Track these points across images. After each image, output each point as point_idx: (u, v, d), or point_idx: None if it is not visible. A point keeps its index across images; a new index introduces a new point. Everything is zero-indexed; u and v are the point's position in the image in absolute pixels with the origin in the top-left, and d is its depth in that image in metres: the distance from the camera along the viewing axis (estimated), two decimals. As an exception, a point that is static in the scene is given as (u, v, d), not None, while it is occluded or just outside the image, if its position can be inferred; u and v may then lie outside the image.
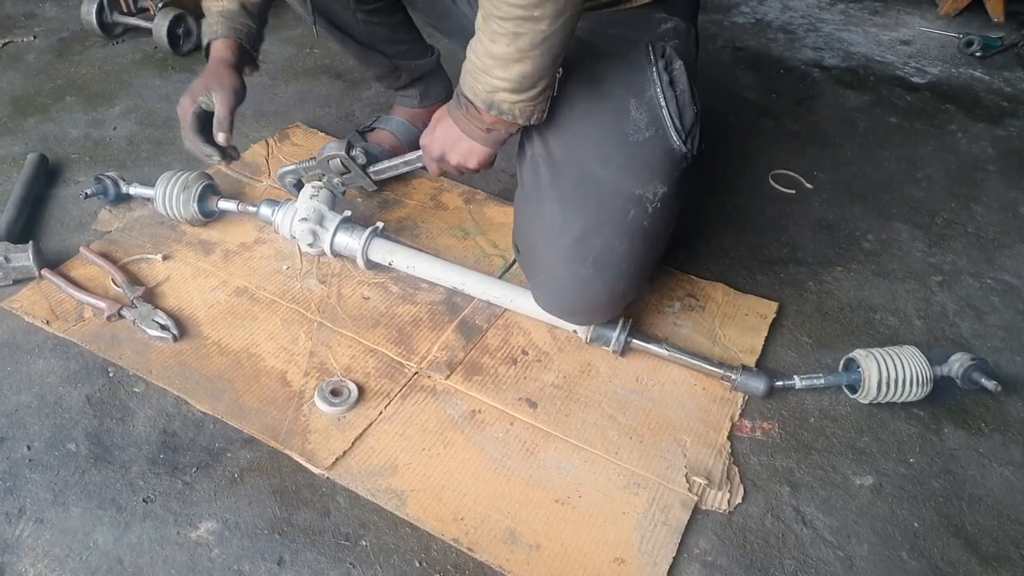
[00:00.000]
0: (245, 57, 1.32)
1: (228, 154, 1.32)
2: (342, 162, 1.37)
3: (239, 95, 1.29)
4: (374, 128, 1.64)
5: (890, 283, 1.48)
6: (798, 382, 1.23)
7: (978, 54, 2.30)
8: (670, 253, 1.39)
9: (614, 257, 1.14)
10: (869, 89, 2.12)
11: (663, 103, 1.13)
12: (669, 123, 1.13)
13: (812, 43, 2.36)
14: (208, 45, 1.32)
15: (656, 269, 1.28)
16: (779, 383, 1.23)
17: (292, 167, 1.43)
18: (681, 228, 1.30)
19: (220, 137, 1.28)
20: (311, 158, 1.41)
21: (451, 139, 1.15)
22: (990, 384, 1.20)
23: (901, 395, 1.20)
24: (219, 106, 1.26)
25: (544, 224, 1.17)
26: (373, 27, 1.46)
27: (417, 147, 1.62)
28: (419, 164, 1.32)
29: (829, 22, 2.50)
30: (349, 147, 1.37)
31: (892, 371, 1.19)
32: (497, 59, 0.99)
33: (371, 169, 1.39)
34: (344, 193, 1.43)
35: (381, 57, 1.54)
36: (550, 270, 1.18)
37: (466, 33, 1.19)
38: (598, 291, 1.16)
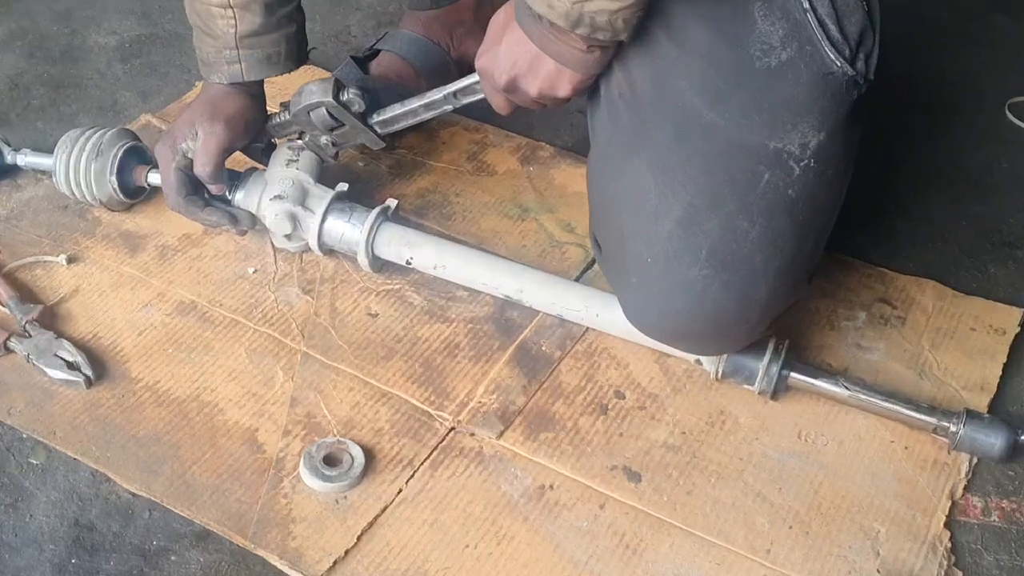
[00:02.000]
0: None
1: (238, 218, 1.39)
2: (329, 112, 1.37)
3: (240, 130, 1.38)
4: (376, 52, 1.66)
5: None
6: (1060, 435, 1.22)
7: None
8: (844, 235, 1.36)
9: (742, 247, 1.14)
10: None
11: (808, 3, 1.11)
12: (819, 34, 1.11)
13: None
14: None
15: (817, 262, 1.27)
16: (1026, 438, 1.23)
17: (281, 120, 1.44)
18: (861, 195, 1.28)
19: (213, 188, 1.38)
20: (283, 108, 1.42)
21: (526, 58, 1.16)
22: None
23: None
24: (200, 151, 1.35)
25: (629, 201, 1.18)
26: None
27: (438, 74, 1.62)
28: (447, 104, 1.34)
29: None
30: (338, 88, 1.36)
31: None
32: None
33: (376, 119, 1.40)
34: (337, 156, 1.44)
35: None
36: (643, 272, 1.18)
37: None
38: (721, 302, 1.16)
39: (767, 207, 1.14)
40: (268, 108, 1.45)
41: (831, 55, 1.11)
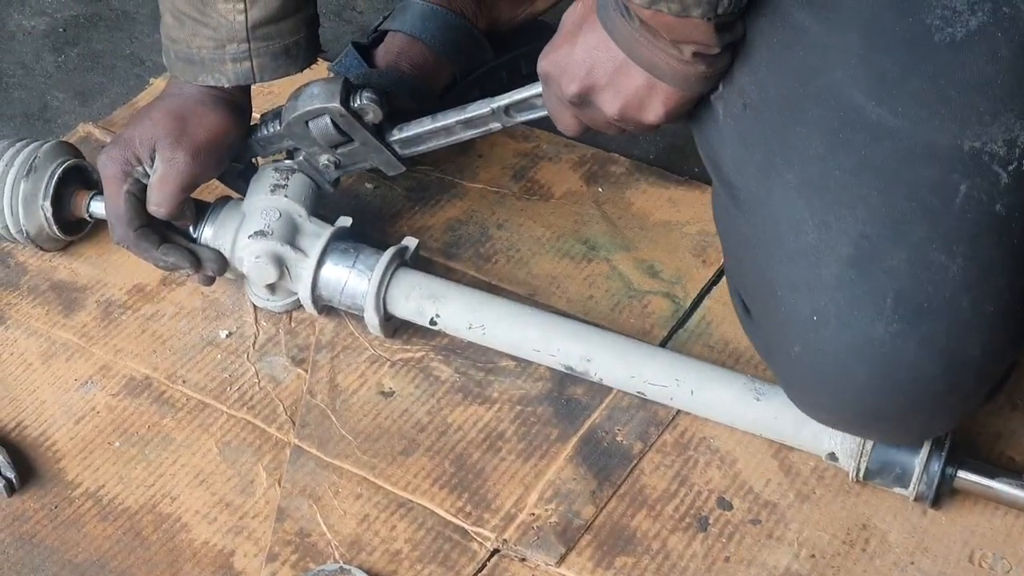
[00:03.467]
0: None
1: (203, 260, 1.40)
2: (335, 123, 1.38)
3: (213, 160, 1.40)
4: (383, 34, 1.68)
5: None
6: None
7: None
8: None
9: (942, 289, 1.12)
10: None
11: None
12: None
13: None
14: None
15: None
16: None
17: (271, 132, 1.45)
18: None
19: (161, 211, 1.38)
20: (270, 117, 1.44)
21: (607, 65, 1.18)
22: None
23: None
24: (156, 184, 1.37)
25: (777, 239, 1.17)
26: None
27: (468, 54, 1.64)
28: (495, 122, 1.36)
29: None
30: (348, 92, 1.37)
31: None
32: None
33: (396, 135, 1.41)
34: (338, 182, 1.47)
35: None
36: (807, 337, 1.17)
37: None
38: (921, 367, 1.13)
39: (969, 231, 1.12)
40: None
41: None
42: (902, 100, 1.12)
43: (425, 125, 1.39)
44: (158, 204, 1.37)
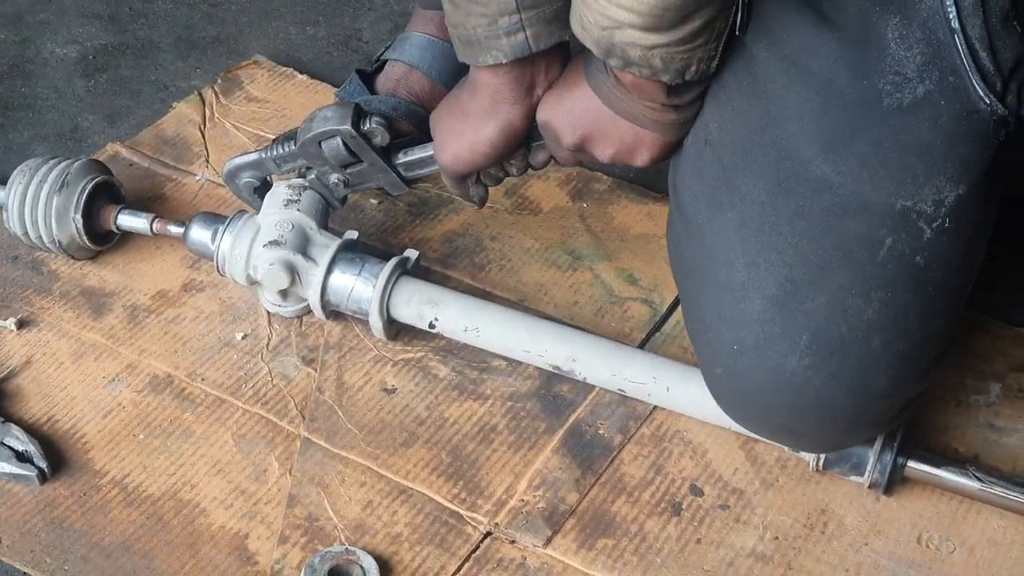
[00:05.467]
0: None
1: None
2: (345, 144, 1.38)
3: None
4: (387, 61, 1.67)
5: None
6: None
7: None
8: (973, 288, 1.32)
9: (854, 330, 1.14)
10: None
11: (955, 22, 1.09)
12: (968, 62, 1.10)
13: None
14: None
15: (952, 338, 1.26)
16: None
17: (252, 156, 1.47)
18: (992, 239, 1.25)
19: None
20: (286, 136, 1.43)
21: (595, 117, 1.20)
22: None
23: None
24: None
25: (712, 272, 1.19)
26: None
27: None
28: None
29: None
30: (359, 116, 1.37)
31: None
32: None
33: (401, 158, 1.41)
34: (345, 200, 1.47)
35: None
36: (729, 362, 1.19)
37: None
38: (828, 398, 1.16)
39: (888, 279, 1.13)
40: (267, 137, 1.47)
41: (980, 89, 1.10)
42: (847, 160, 1.12)
43: (428, 151, 1.39)
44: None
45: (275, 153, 1.43)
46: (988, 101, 1.09)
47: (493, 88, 1.26)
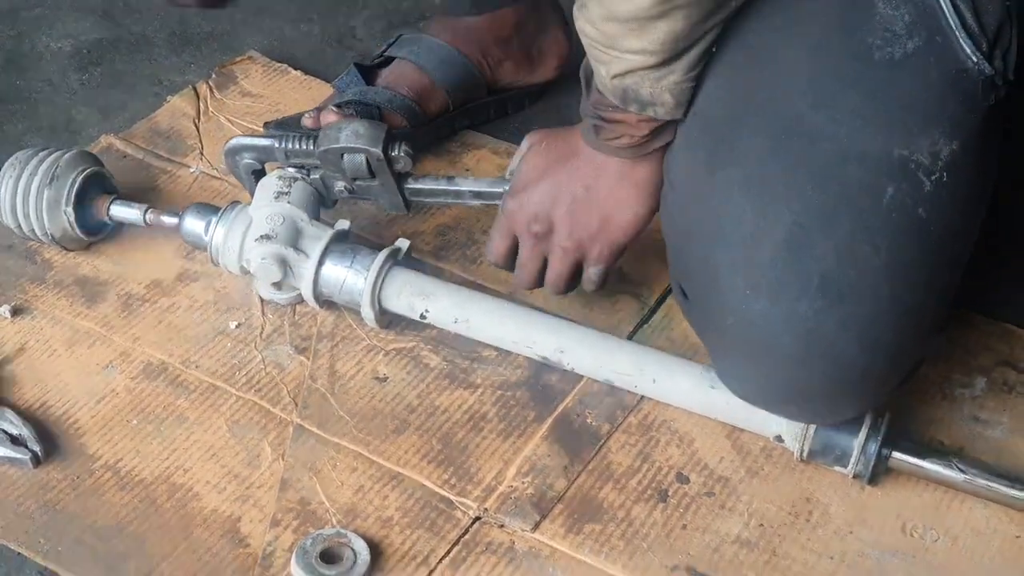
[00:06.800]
0: None
1: None
2: (369, 164, 1.38)
3: None
4: (388, 59, 1.69)
5: None
6: None
7: None
8: (961, 280, 1.35)
9: (864, 276, 1.12)
10: None
11: None
12: (954, 21, 1.12)
13: None
14: None
15: (950, 308, 1.27)
16: None
17: (262, 140, 1.47)
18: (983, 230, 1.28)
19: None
20: (300, 133, 1.43)
21: (583, 198, 1.29)
22: None
23: None
24: None
25: (719, 228, 1.18)
26: None
27: (466, 96, 1.67)
28: (496, 200, 1.38)
29: None
30: (390, 141, 1.38)
31: None
32: (626, 20, 1.09)
33: (410, 184, 1.42)
34: (336, 202, 1.48)
35: None
36: (741, 310, 1.18)
37: None
38: (839, 343, 1.14)
39: (893, 229, 1.13)
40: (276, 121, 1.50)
41: (967, 48, 1.12)
42: (841, 111, 1.13)
43: (440, 184, 1.41)
44: None
45: (288, 146, 1.42)
46: (975, 60, 1.12)
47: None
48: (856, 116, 1.13)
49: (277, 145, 1.42)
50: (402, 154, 1.38)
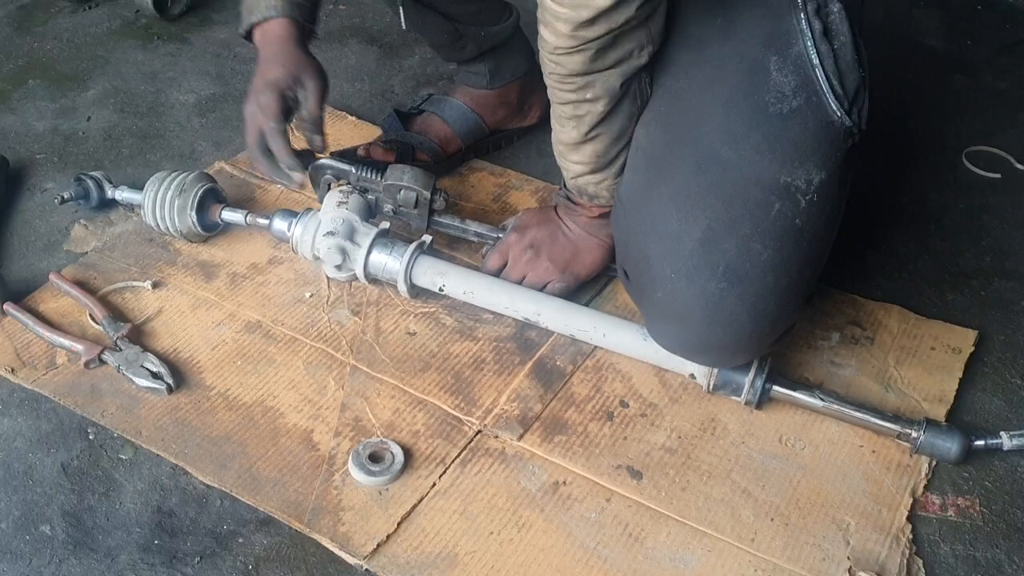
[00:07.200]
0: (307, 38, 1.40)
1: (292, 171, 1.38)
2: (418, 200, 1.40)
3: (326, 85, 1.38)
4: (421, 111, 1.67)
5: None
6: (1007, 441, 1.22)
7: None
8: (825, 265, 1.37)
9: (756, 266, 1.14)
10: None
11: (816, 61, 1.13)
12: (825, 87, 1.13)
13: (1022, -36, 2.27)
14: (253, 27, 1.37)
15: (814, 287, 1.28)
16: (980, 443, 1.23)
17: (342, 165, 1.44)
18: (840, 230, 1.29)
19: (317, 141, 1.37)
20: (369, 165, 1.44)
21: (562, 246, 1.38)
22: None
23: None
24: (312, 100, 1.34)
25: (654, 228, 1.19)
26: None
27: (475, 140, 1.65)
28: (487, 240, 1.43)
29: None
30: (436, 188, 1.41)
31: None
32: (567, 144, 1.24)
33: (436, 218, 1.44)
34: (375, 216, 1.46)
35: (441, 20, 1.55)
36: (667, 287, 1.18)
37: None
38: (736, 313, 1.16)
39: (778, 233, 1.14)
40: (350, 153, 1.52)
41: (834, 106, 1.13)
42: (744, 149, 1.14)
43: (455, 222, 1.44)
44: (315, 110, 1.36)
45: (361, 174, 1.43)
46: (839, 115, 1.13)
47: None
48: (755, 152, 1.14)
49: (353, 171, 1.43)
50: (441, 199, 1.40)
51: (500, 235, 1.41)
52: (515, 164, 1.59)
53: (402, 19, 1.49)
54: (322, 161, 1.44)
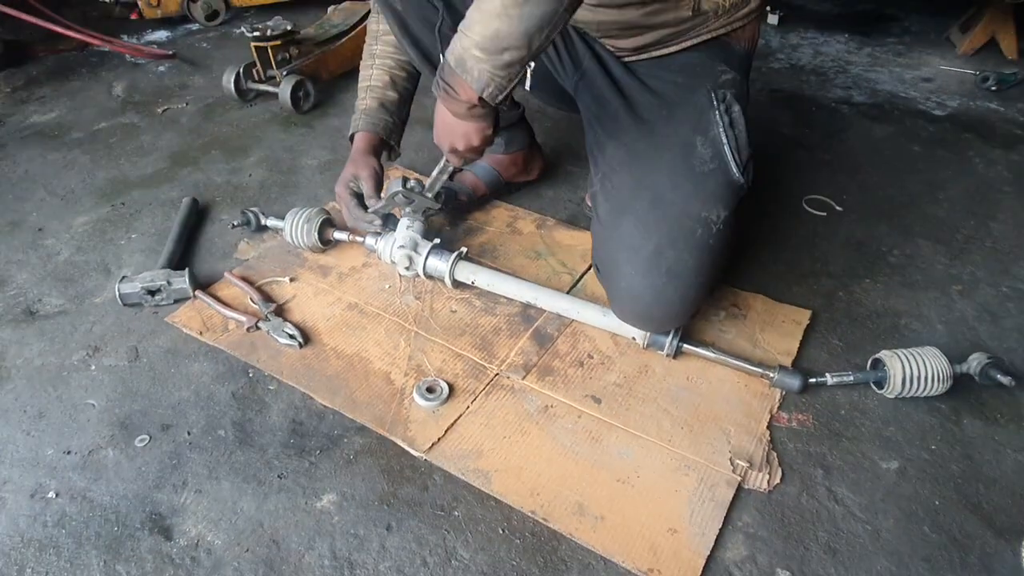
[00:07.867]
0: (382, 145, 1.42)
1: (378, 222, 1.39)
2: (404, 195, 1.35)
3: (379, 177, 1.39)
4: (461, 169, 1.62)
5: (914, 292, 1.44)
6: (830, 379, 1.22)
7: (993, 88, 2.23)
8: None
9: (685, 269, 1.13)
10: (894, 121, 2.07)
11: (724, 140, 1.14)
12: (730, 158, 1.13)
13: (841, 83, 2.31)
14: (352, 135, 1.41)
15: (715, 284, 1.27)
16: (813, 380, 1.22)
17: (382, 204, 1.39)
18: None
19: (372, 203, 1.37)
20: (385, 195, 1.39)
21: (448, 127, 1.11)
22: (1005, 380, 1.17)
23: (924, 390, 1.18)
24: (366, 187, 1.37)
25: (623, 241, 1.17)
26: None
27: (495, 188, 1.63)
28: (449, 167, 1.28)
29: (857, 64, 2.45)
30: (404, 182, 1.35)
31: (915, 368, 1.17)
32: (483, 12, 0.93)
33: (425, 190, 1.36)
34: (425, 221, 1.42)
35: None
36: (629, 279, 1.16)
37: (565, 97, 1.26)
38: (671, 298, 1.14)
39: (699, 248, 1.13)
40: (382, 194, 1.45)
41: (735, 170, 1.13)
42: (683, 193, 1.13)
43: (429, 179, 1.33)
44: (370, 192, 1.36)
45: (380, 206, 1.38)
46: (738, 175, 1.13)
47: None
48: (688, 196, 1.13)
49: (379, 207, 1.38)
50: (413, 182, 1.32)
51: (442, 170, 1.31)
52: (521, 203, 1.59)
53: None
54: (375, 206, 1.40)
